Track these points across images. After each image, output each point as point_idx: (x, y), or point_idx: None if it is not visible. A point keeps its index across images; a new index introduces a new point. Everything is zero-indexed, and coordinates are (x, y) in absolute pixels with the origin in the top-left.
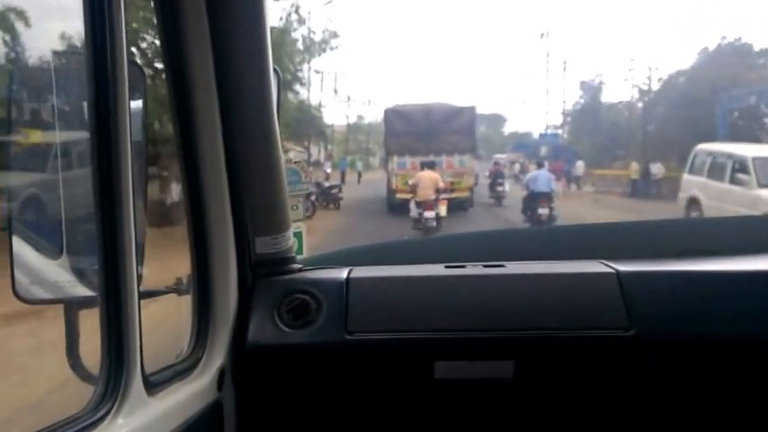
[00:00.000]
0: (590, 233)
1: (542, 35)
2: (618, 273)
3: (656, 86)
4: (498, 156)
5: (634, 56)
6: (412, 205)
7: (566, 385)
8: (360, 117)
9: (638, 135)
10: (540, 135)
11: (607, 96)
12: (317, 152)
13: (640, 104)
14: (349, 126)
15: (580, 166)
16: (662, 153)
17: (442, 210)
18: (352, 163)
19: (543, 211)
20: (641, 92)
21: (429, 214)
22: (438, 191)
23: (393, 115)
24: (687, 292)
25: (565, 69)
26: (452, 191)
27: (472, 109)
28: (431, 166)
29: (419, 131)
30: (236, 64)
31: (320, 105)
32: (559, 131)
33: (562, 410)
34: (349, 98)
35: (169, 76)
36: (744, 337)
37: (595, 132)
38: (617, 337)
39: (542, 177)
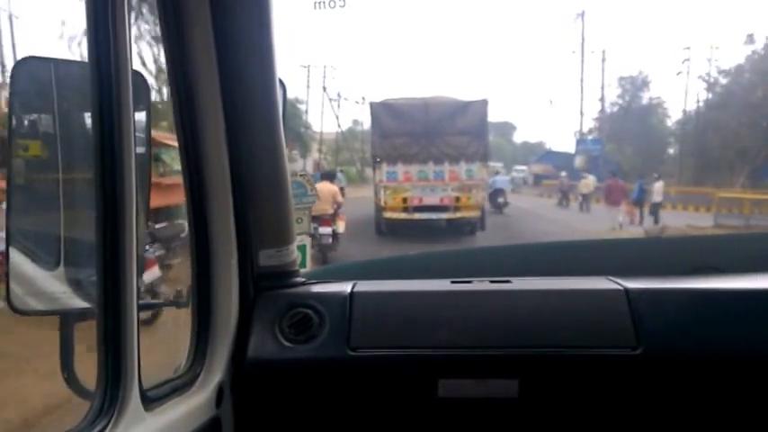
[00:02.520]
0: (598, 249)
1: (578, 16)
2: (626, 290)
3: (716, 80)
4: (519, 167)
5: (689, 43)
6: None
7: (572, 405)
8: (355, 122)
9: (695, 141)
10: (578, 142)
11: (652, 94)
12: (301, 162)
13: (696, 104)
14: (342, 132)
15: (659, 189)
16: (730, 164)
17: (341, 226)
18: None
19: (501, 200)
20: (706, 86)
21: (324, 230)
22: (337, 204)
23: (382, 111)
24: (696, 311)
25: (604, 59)
26: (456, 209)
27: (483, 103)
28: (330, 177)
29: (415, 132)
30: (242, 76)
31: (298, 101)
32: (592, 137)
33: (568, 431)
34: (339, 95)
35: (174, 89)
36: (753, 356)
37: (639, 139)
38: (625, 355)
39: (500, 180)
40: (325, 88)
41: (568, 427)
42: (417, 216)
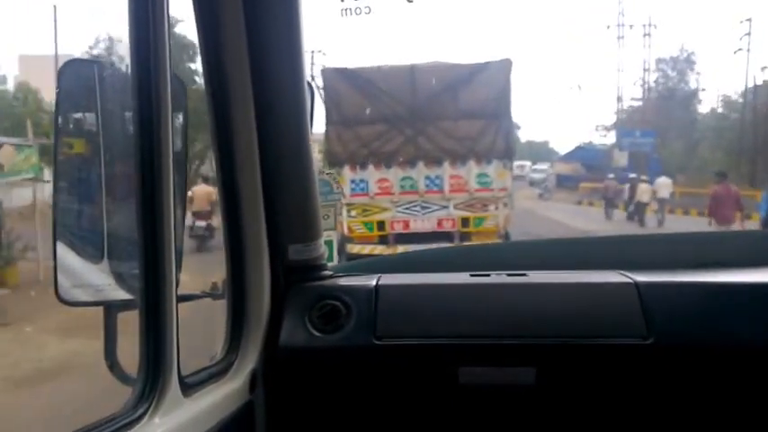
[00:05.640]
0: (609, 244)
1: None
2: (636, 283)
3: None
4: (538, 167)
5: (749, 15)
6: (188, 214)
7: (585, 392)
8: None
9: (761, 133)
10: (623, 134)
11: (700, 77)
12: None
13: (754, 88)
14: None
15: None
16: None
17: (215, 221)
18: None
19: None
20: None
21: (200, 223)
22: (211, 204)
23: (341, 84)
24: (703, 303)
25: (647, 34)
26: (464, 238)
27: (504, 65)
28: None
29: (396, 115)
30: (272, 77)
31: None
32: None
33: (582, 416)
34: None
35: (208, 89)
36: (757, 347)
37: (683, 130)
38: (635, 345)
39: None
40: (313, 77)
41: (583, 413)
42: (402, 250)
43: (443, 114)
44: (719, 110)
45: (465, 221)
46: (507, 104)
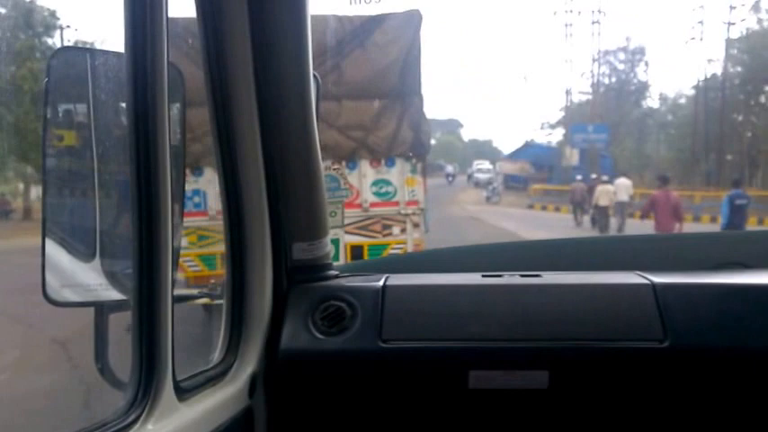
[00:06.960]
0: (626, 245)
1: None
2: (653, 284)
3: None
4: (483, 166)
5: (701, 2)
6: None
7: (600, 396)
8: None
9: (714, 132)
10: (574, 129)
11: (648, 72)
12: None
13: (705, 81)
14: None
15: None
16: None
17: None
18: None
19: None
20: (725, 56)
21: None
22: None
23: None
24: (722, 305)
25: (596, 21)
26: None
27: (411, 18)
28: None
29: None
30: (277, 69)
31: None
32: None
33: (596, 422)
34: None
35: (209, 81)
36: None
37: (635, 128)
38: (652, 348)
39: None
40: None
41: (597, 418)
42: None
43: (324, 93)
44: (671, 104)
45: (357, 251)
46: (416, 77)
